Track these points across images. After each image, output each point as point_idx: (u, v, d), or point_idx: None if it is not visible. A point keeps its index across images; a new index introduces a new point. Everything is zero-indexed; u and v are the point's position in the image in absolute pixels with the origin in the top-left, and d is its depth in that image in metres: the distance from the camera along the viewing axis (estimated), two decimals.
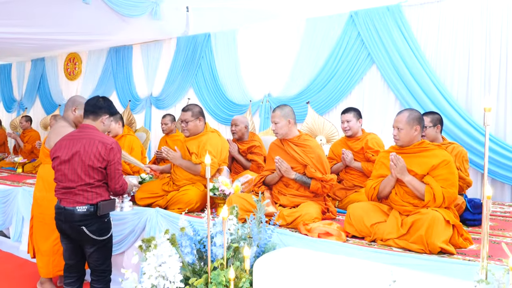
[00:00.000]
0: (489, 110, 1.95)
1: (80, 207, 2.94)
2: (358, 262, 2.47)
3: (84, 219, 2.95)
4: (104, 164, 2.98)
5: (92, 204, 2.96)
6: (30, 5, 5.17)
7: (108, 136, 3.10)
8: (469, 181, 3.79)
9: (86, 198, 2.96)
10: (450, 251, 2.77)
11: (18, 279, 4.22)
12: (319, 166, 3.63)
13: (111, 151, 2.99)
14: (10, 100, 10.24)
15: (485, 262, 1.99)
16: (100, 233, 3.02)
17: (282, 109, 3.70)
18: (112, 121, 4.64)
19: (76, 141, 3.02)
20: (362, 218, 3.18)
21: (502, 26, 4.70)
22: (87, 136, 3.02)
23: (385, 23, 5.26)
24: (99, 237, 3.01)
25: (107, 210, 3.05)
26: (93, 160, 2.94)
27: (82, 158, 2.94)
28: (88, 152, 2.95)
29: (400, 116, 3.17)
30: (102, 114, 3.16)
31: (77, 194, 2.96)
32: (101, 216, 3.01)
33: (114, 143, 3.04)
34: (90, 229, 2.96)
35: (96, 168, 2.95)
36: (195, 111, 4.14)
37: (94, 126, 3.13)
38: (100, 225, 3.02)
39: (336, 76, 5.67)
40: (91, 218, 2.97)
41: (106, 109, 3.18)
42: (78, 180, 2.95)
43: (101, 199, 3.00)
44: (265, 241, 2.83)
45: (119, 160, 3.05)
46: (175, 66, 7.37)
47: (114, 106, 3.28)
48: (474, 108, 4.87)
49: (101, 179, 3.00)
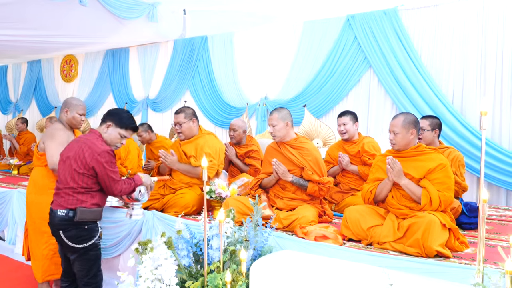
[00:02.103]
0: (485, 114, 1.96)
1: (60, 210, 2.92)
2: (355, 265, 2.47)
3: (62, 223, 2.92)
4: (90, 171, 2.93)
5: (71, 209, 2.92)
6: (26, 7, 5.16)
7: (102, 144, 3.04)
8: (464, 186, 3.80)
9: (67, 202, 2.93)
10: (447, 254, 2.78)
11: (13, 282, 4.19)
12: (316, 168, 3.63)
13: (97, 158, 2.92)
14: (6, 102, 10.20)
15: (481, 265, 1.99)
16: (78, 240, 2.94)
17: (280, 111, 3.70)
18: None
19: (75, 143, 3.04)
20: (359, 221, 3.18)
21: (498, 30, 4.73)
22: (84, 141, 3.01)
23: (381, 27, 5.28)
24: (77, 245, 2.94)
25: (86, 217, 2.95)
26: (79, 165, 2.92)
27: (71, 162, 2.94)
28: (76, 156, 2.94)
29: (396, 120, 3.18)
30: (107, 120, 3.14)
31: (62, 196, 2.95)
32: (79, 223, 2.93)
33: (104, 152, 2.96)
34: (66, 234, 2.92)
35: (81, 174, 2.92)
36: (188, 112, 4.12)
37: (97, 131, 3.12)
38: (78, 232, 2.94)
39: (333, 79, 5.68)
40: (69, 223, 2.92)
41: (113, 116, 3.13)
42: (65, 182, 2.96)
43: (81, 205, 2.94)
44: (262, 244, 2.83)
45: (110, 168, 2.98)
46: (172, 69, 7.37)
47: (128, 119, 3.18)
48: (470, 112, 4.88)
49: (86, 186, 2.94)
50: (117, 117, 3.14)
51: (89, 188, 2.97)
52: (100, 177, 2.96)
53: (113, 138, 3.14)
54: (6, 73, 10.26)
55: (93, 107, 8.37)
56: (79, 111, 3.73)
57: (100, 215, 3.06)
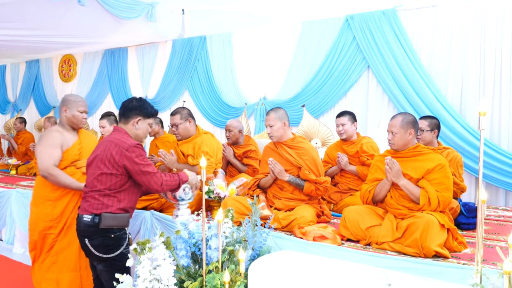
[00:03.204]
0: (484, 114, 1.96)
1: (86, 216, 2.73)
2: (353, 265, 2.47)
3: (87, 230, 2.73)
4: (120, 169, 2.73)
5: (96, 214, 2.72)
6: (25, 7, 5.15)
7: (128, 139, 2.83)
8: (463, 187, 3.81)
9: (92, 206, 2.73)
10: (445, 254, 2.78)
11: (11, 281, 4.19)
12: (313, 168, 3.62)
13: (126, 154, 2.72)
14: (4, 102, 10.17)
15: (479, 266, 1.99)
16: (104, 249, 2.73)
17: (277, 111, 3.69)
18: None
19: (100, 144, 2.85)
20: (357, 222, 3.18)
21: (497, 31, 4.73)
22: (109, 139, 2.81)
23: (380, 27, 5.28)
24: (104, 254, 2.73)
25: (111, 224, 2.73)
26: (107, 165, 2.73)
27: (98, 163, 2.76)
28: (103, 156, 2.75)
29: (394, 120, 3.18)
30: (133, 116, 2.91)
31: (87, 200, 2.77)
32: (104, 230, 2.72)
33: (131, 146, 2.75)
34: (92, 242, 2.72)
35: (109, 174, 2.72)
36: (183, 113, 4.12)
37: (123, 129, 2.89)
38: (104, 240, 2.72)
39: (332, 79, 5.68)
40: (94, 230, 2.72)
41: (138, 110, 2.91)
42: (91, 185, 2.77)
43: (106, 210, 2.72)
44: (260, 244, 2.83)
45: (142, 162, 2.76)
46: (170, 69, 7.36)
47: (150, 106, 3.00)
48: (469, 112, 4.89)
49: (113, 188, 2.74)
50: (142, 109, 2.93)
51: (116, 190, 2.76)
52: (134, 174, 2.76)
53: (145, 131, 2.97)
54: (5, 73, 10.24)
55: (91, 107, 8.36)
56: (79, 108, 3.39)
57: (127, 221, 2.82)
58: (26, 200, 4.96)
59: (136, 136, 2.94)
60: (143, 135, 2.98)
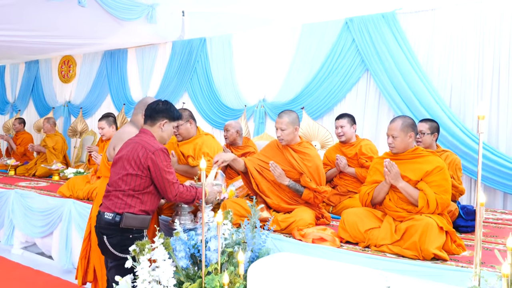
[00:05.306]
0: (483, 118, 1.97)
1: (107, 214, 2.78)
2: (352, 267, 2.47)
3: (107, 228, 2.77)
4: (145, 171, 2.78)
5: (118, 213, 2.76)
6: (24, 8, 5.16)
7: (156, 142, 2.88)
8: (461, 189, 3.82)
9: (115, 205, 2.78)
10: (443, 257, 2.79)
11: (9, 282, 4.18)
12: (315, 176, 3.58)
13: (152, 157, 2.77)
14: (4, 102, 10.16)
15: (478, 268, 2.00)
16: (121, 248, 2.76)
17: (290, 115, 3.58)
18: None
19: (127, 145, 2.90)
20: (356, 224, 3.19)
21: (495, 35, 4.75)
22: (137, 140, 2.87)
23: (379, 30, 5.29)
24: (120, 254, 2.76)
25: (132, 224, 2.77)
26: (132, 165, 2.78)
27: (124, 163, 2.81)
28: (129, 157, 2.80)
29: (394, 124, 3.18)
30: (159, 119, 2.97)
31: (110, 199, 2.81)
32: (124, 230, 2.76)
33: (158, 150, 2.81)
34: (110, 241, 2.76)
35: (133, 175, 2.77)
36: (184, 114, 4.12)
37: (149, 131, 2.96)
38: (123, 240, 2.75)
39: (331, 82, 5.69)
40: (114, 229, 2.76)
41: (164, 113, 2.97)
42: (115, 185, 2.81)
43: (128, 210, 2.77)
44: (259, 246, 2.83)
45: (165, 168, 2.81)
46: (170, 70, 7.36)
47: (175, 110, 3.05)
48: (467, 115, 4.90)
49: (138, 189, 2.79)
50: (168, 113, 2.99)
51: (139, 191, 2.80)
52: (154, 177, 2.80)
53: (170, 134, 3.05)
54: (4, 73, 10.23)
55: (90, 108, 8.37)
56: None
57: (147, 223, 2.84)
58: (25, 200, 4.96)
59: (161, 138, 3.01)
60: (167, 137, 3.06)
